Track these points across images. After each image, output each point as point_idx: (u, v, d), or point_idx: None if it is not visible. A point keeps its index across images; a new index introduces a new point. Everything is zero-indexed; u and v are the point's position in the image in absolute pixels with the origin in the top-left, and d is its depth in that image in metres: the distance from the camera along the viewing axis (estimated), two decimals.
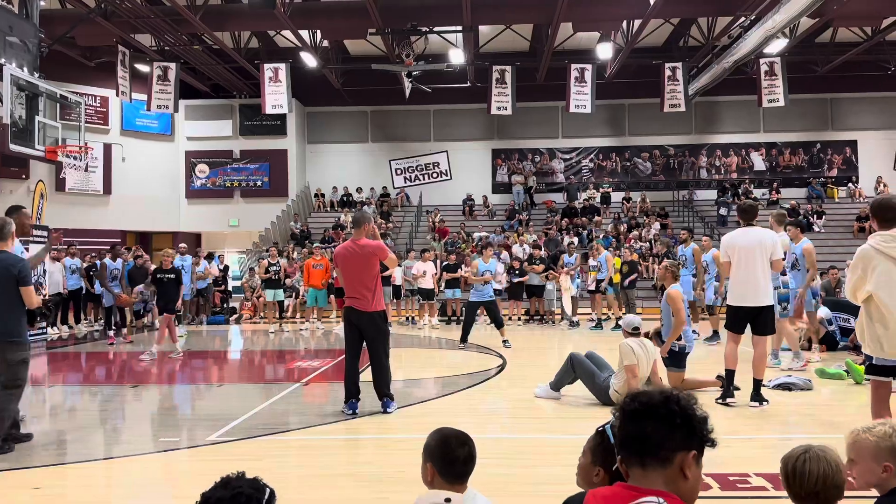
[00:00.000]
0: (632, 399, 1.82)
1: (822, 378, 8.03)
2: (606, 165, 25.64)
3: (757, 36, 16.74)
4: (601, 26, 19.17)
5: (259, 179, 24.82)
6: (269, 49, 22.20)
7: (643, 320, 7.52)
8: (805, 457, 2.34)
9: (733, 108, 24.70)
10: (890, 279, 4.32)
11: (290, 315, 17.72)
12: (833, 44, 21.53)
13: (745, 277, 6.52)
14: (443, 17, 18.55)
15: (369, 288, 6.45)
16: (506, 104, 19.54)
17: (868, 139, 24.78)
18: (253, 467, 5.20)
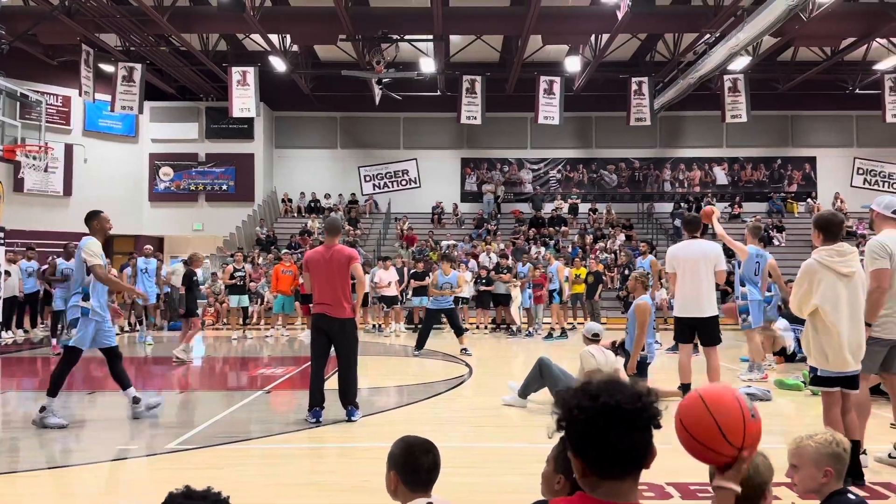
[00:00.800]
0: (613, 407, 1.61)
1: (781, 389, 8.19)
2: (574, 177, 25.91)
3: (721, 53, 17.12)
4: (570, 40, 19.41)
5: (224, 183, 24.52)
6: (237, 52, 22.00)
7: (607, 330, 7.60)
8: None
9: (697, 123, 25.19)
10: (835, 293, 4.46)
11: (255, 322, 17.50)
12: (794, 62, 22.11)
13: (690, 289, 6.64)
14: (414, 26, 18.60)
15: (342, 294, 6.38)
16: (476, 114, 19.65)
17: (826, 156, 25.46)
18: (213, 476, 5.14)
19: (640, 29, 19.20)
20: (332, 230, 6.62)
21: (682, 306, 6.71)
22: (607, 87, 22.18)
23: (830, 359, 4.49)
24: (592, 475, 1.61)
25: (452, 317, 12.11)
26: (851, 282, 4.51)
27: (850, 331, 4.48)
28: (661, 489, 4.40)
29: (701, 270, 6.65)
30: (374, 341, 14.59)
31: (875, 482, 4.53)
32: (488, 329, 16.90)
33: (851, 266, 4.53)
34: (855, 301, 4.53)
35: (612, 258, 20.70)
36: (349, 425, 6.29)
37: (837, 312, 4.47)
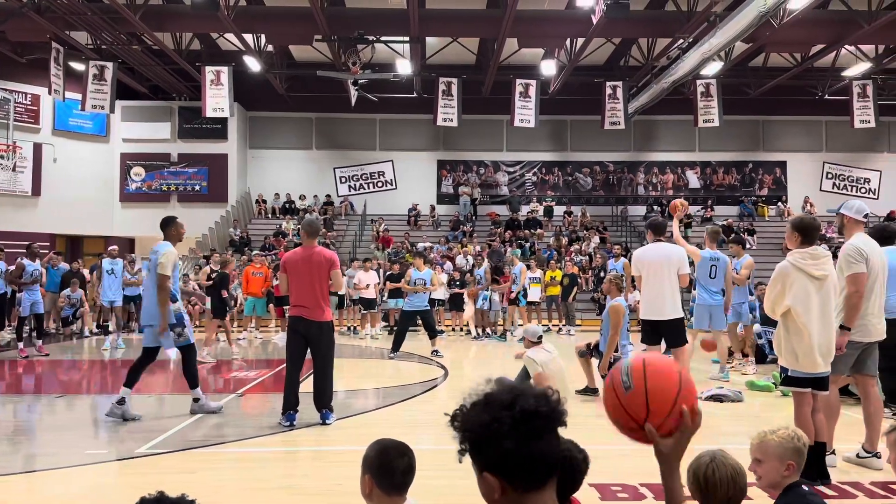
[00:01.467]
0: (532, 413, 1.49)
1: (752, 390, 8.30)
2: (549, 179, 26.05)
3: (694, 58, 17.33)
4: (545, 43, 19.52)
5: (197, 184, 24.25)
6: (211, 51, 21.77)
7: (582, 332, 7.64)
8: (713, 465, 2.41)
9: (670, 128, 25.48)
10: (807, 294, 4.55)
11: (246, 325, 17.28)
12: (765, 68, 22.47)
13: (654, 291, 6.70)
14: (390, 27, 18.57)
15: (320, 297, 6.31)
16: (452, 116, 19.66)
17: (796, 160, 25.91)
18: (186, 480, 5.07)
19: (615, 33, 19.37)
20: (311, 232, 6.52)
21: (649, 309, 6.77)
22: (582, 91, 22.34)
23: (800, 359, 4.58)
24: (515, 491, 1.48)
25: (427, 318, 12.08)
26: (823, 285, 4.60)
27: (820, 333, 4.56)
28: (635, 490, 4.44)
29: (664, 273, 6.70)
30: (350, 343, 14.52)
31: (844, 482, 4.61)
32: (463, 331, 16.90)
33: (824, 269, 4.61)
34: (826, 304, 4.61)
35: (587, 260, 20.85)
36: (323, 428, 6.25)
37: (808, 314, 4.56)
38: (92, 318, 16.69)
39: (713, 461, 2.43)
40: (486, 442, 1.49)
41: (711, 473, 2.40)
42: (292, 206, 24.66)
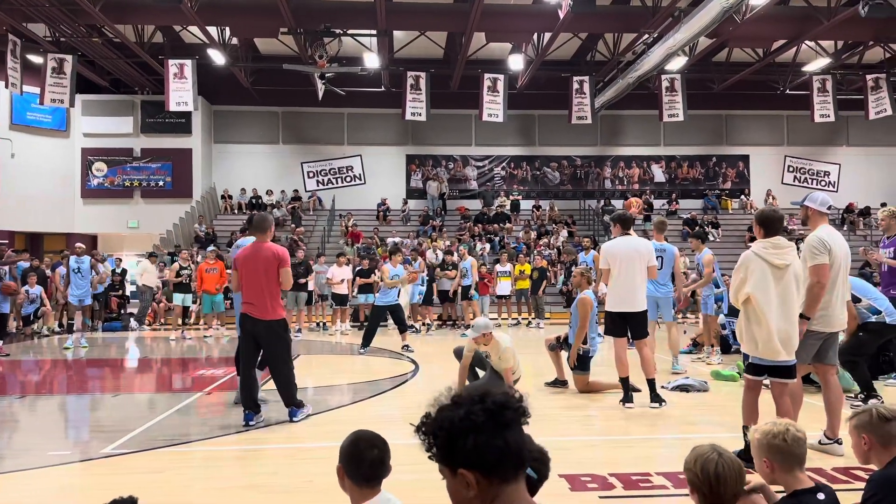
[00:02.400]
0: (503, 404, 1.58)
1: (718, 380, 8.45)
2: (517, 174, 26.15)
3: (659, 53, 17.54)
4: (513, 38, 19.57)
5: (161, 179, 23.82)
6: (174, 44, 21.36)
7: (551, 325, 7.69)
8: (721, 461, 2.38)
9: (636, 122, 25.74)
10: (766, 282, 4.68)
11: (194, 322, 17.07)
12: (728, 63, 22.81)
13: (624, 284, 6.77)
14: (357, 20, 18.43)
15: (269, 294, 6.13)
16: (420, 110, 19.60)
17: (759, 154, 26.40)
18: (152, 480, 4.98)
19: (581, 28, 19.50)
20: (259, 227, 6.35)
21: (618, 301, 6.83)
22: (549, 86, 22.45)
23: (760, 347, 4.71)
24: (490, 485, 1.54)
25: (397, 313, 12.08)
26: (784, 274, 4.71)
27: (779, 321, 4.68)
28: (604, 479, 4.48)
29: (636, 266, 6.79)
30: (320, 340, 14.44)
31: (808, 468, 4.69)
32: (434, 326, 16.91)
33: (786, 259, 4.73)
34: (786, 293, 4.72)
35: (556, 254, 21.01)
36: (293, 425, 6.19)
37: (768, 302, 4.68)
38: (54, 316, 16.32)
39: (721, 457, 2.39)
40: (462, 435, 1.54)
41: (722, 469, 2.37)
42: (259, 202, 24.36)
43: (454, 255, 17.42)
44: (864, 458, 2.89)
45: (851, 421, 2.93)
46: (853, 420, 2.92)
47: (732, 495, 2.36)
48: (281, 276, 6.17)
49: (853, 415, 2.96)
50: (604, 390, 7.65)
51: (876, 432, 2.81)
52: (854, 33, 19.32)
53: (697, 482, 2.39)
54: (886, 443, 2.79)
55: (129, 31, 19.21)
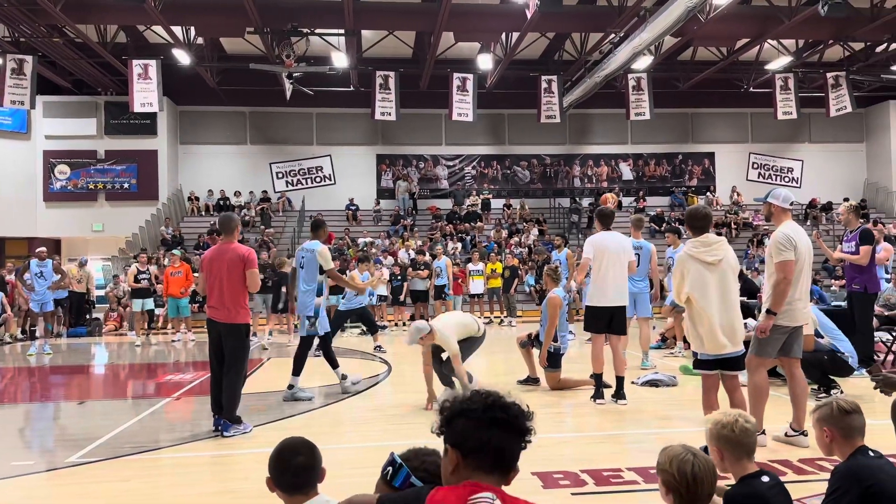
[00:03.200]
0: (501, 407, 1.77)
1: (686, 374, 8.55)
2: (488, 173, 26.22)
3: (625, 52, 17.71)
4: (481, 37, 19.61)
5: (126, 181, 23.40)
6: (137, 44, 21.00)
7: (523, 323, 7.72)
8: (696, 460, 2.39)
9: (604, 121, 25.98)
10: (702, 281, 4.81)
11: (161, 326, 16.80)
12: (693, 62, 23.14)
13: (608, 279, 6.81)
14: (324, 20, 18.31)
15: (232, 297, 5.98)
16: (390, 110, 19.54)
17: (724, 151, 26.82)
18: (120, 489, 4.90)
19: (549, 28, 19.61)
20: (225, 228, 6.24)
21: (603, 296, 6.83)
22: (518, 85, 22.55)
23: (705, 342, 4.83)
24: (466, 468, 1.73)
25: (366, 315, 12.05)
26: (718, 269, 4.86)
27: (720, 315, 4.80)
28: (576, 476, 4.51)
29: (622, 261, 6.86)
30: (291, 343, 14.29)
31: (773, 460, 4.80)
32: (406, 326, 16.86)
33: (717, 255, 4.88)
34: (724, 286, 4.85)
35: (527, 252, 21.12)
36: (266, 430, 6.13)
37: (706, 298, 4.82)
38: (17, 322, 15.95)
39: (696, 457, 2.40)
40: (458, 415, 1.76)
41: (699, 469, 2.38)
42: (227, 203, 24.07)
43: (426, 255, 17.41)
44: (827, 451, 2.95)
45: (814, 414, 2.99)
46: (815, 413, 2.98)
47: (708, 494, 2.38)
48: (248, 278, 6.02)
49: (816, 408, 3.02)
50: (575, 387, 7.70)
51: (837, 425, 2.87)
52: (814, 32, 19.72)
53: (675, 483, 2.38)
54: (847, 435, 2.85)
55: (91, 31, 18.82)
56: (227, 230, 6.23)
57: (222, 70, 22.73)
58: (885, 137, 26.51)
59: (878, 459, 2.78)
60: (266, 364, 10.92)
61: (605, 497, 4.19)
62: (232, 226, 6.23)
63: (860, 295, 8.17)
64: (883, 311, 9.68)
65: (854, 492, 2.66)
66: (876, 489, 2.64)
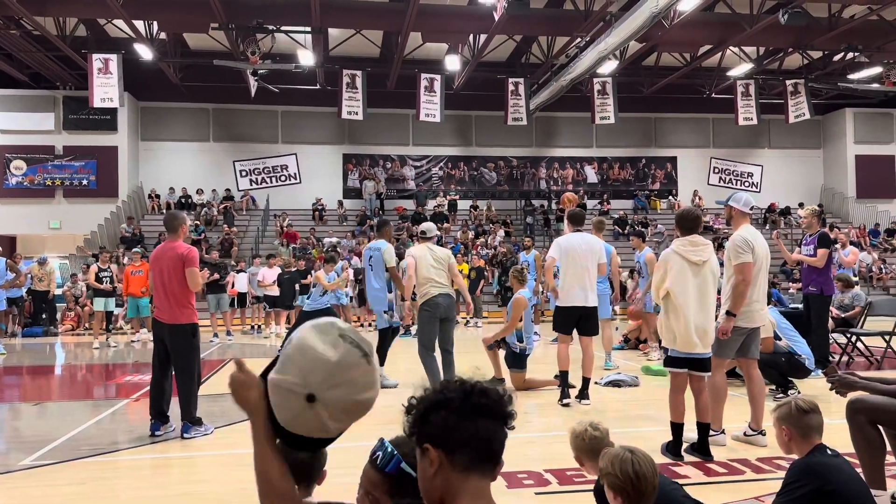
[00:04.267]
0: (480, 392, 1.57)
1: (648, 374, 8.68)
2: (455, 174, 26.26)
3: (591, 57, 17.90)
4: (449, 38, 19.64)
5: (85, 178, 22.87)
6: (98, 38, 20.53)
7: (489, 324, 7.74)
8: (636, 458, 2.41)
9: (569, 124, 26.21)
10: (684, 278, 4.91)
11: (118, 326, 16.43)
12: (657, 68, 23.50)
13: (577, 279, 6.85)
14: (291, 17, 18.14)
15: (174, 297, 5.86)
16: (357, 109, 19.45)
17: (686, 156, 27.29)
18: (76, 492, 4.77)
19: (516, 30, 19.73)
20: (169, 226, 6.13)
21: (571, 296, 6.85)
22: (486, 87, 22.63)
23: (678, 340, 4.91)
24: (453, 469, 1.52)
25: (331, 315, 11.96)
26: (702, 270, 4.95)
27: (696, 315, 4.89)
28: (540, 476, 4.53)
29: (590, 262, 6.88)
30: (254, 343, 14.14)
31: (733, 459, 4.89)
32: (372, 326, 16.77)
33: (702, 256, 4.97)
34: (703, 289, 4.95)
35: (493, 253, 21.19)
36: (227, 431, 6.03)
37: (685, 297, 4.90)
38: None
39: (634, 454, 2.43)
40: (434, 410, 1.54)
41: (640, 466, 2.40)
42: (189, 201, 23.68)
43: None
44: (786, 449, 3.02)
45: (774, 413, 3.06)
46: (775, 413, 3.05)
47: (652, 489, 2.41)
48: (187, 277, 5.88)
49: (776, 407, 3.08)
50: (540, 387, 7.75)
51: (795, 424, 2.93)
52: (775, 40, 20.19)
53: (620, 483, 2.40)
54: (805, 434, 2.92)
55: (50, 24, 18.36)
56: (171, 228, 6.11)
57: (185, 66, 22.37)
58: (841, 144, 27.27)
59: (836, 458, 2.85)
60: (229, 364, 10.77)
61: (569, 496, 4.21)
62: (176, 224, 6.08)
63: (816, 297, 8.38)
64: (839, 314, 9.96)
65: (809, 487, 2.73)
66: (831, 487, 2.71)
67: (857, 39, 19.50)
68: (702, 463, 4.79)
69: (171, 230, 6.11)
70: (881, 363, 9.11)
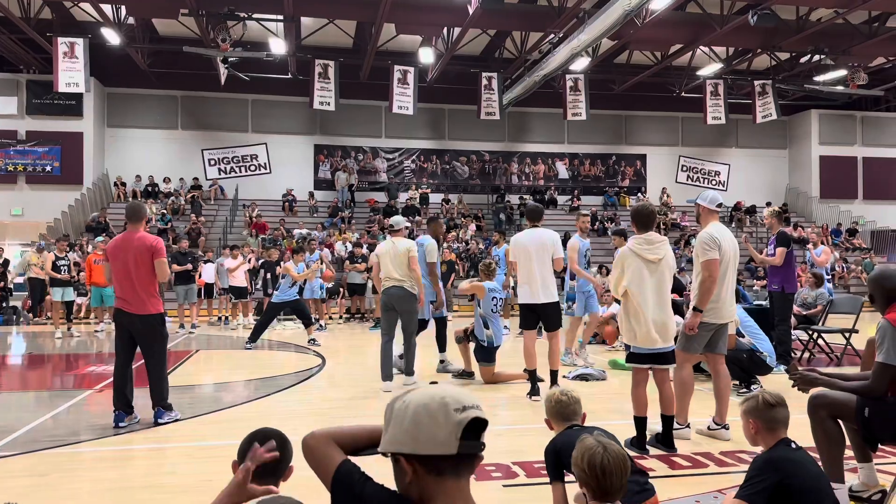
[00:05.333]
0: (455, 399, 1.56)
1: (615, 368, 8.78)
2: (427, 167, 26.21)
3: (563, 53, 18.00)
4: (423, 30, 19.57)
5: (49, 164, 22.35)
6: (64, 21, 20.03)
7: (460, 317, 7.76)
8: (606, 454, 2.42)
9: (542, 120, 26.33)
10: (641, 277, 4.99)
11: (82, 315, 16.11)
12: (628, 66, 23.71)
13: (531, 276, 6.84)
14: (263, 4, 17.93)
15: (142, 288, 5.83)
16: (329, 99, 19.28)
17: (655, 154, 27.60)
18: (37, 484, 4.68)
19: (490, 25, 19.73)
20: (134, 216, 6.05)
21: (527, 293, 6.89)
22: (459, 81, 22.61)
23: (638, 336, 5.00)
24: (428, 474, 1.52)
25: (299, 308, 11.90)
26: (658, 267, 5.03)
27: (654, 311, 4.98)
28: (508, 468, 4.57)
29: (542, 258, 6.86)
30: (221, 335, 13.98)
31: (697, 452, 4.98)
32: (343, 319, 16.72)
33: (658, 253, 5.05)
34: (661, 285, 5.03)
35: (464, 247, 21.21)
36: (192, 423, 5.97)
37: (643, 294, 4.98)
38: None
39: (606, 450, 2.43)
40: (408, 423, 1.53)
41: (608, 462, 2.41)
42: (155, 190, 23.29)
43: (363, 248, 17.27)
44: (752, 441, 3.08)
45: (741, 406, 3.11)
46: (742, 405, 3.10)
47: (619, 486, 2.42)
48: (156, 268, 5.86)
49: (743, 400, 3.14)
50: (509, 381, 7.79)
51: (762, 417, 2.99)
52: (744, 41, 20.50)
53: (585, 477, 2.43)
54: (771, 427, 2.98)
55: (14, 5, 17.88)
56: (136, 218, 6.04)
57: (154, 52, 21.97)
58: (806, 145, 27.84)
59: (797, 452, 2.92)
60: (195, 356, 10.63)
61: (536, 488, 4.24)
62: (140, 214, 6.06)
63: (778, 294, 8.58)
64: (800, 311, 10.17)
65: (771, 480, 2.79)
66: (792, 482, 2.77)
67: (824, 42, 19.91)
68: (666, 456, 4.87)
69: (136, 220, 6.04)
70: (841, 360, 9.34)
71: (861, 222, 27.02)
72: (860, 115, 27.95)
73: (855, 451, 3.84)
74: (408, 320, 7.51)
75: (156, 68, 22.47)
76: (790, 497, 2.76)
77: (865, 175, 27.95)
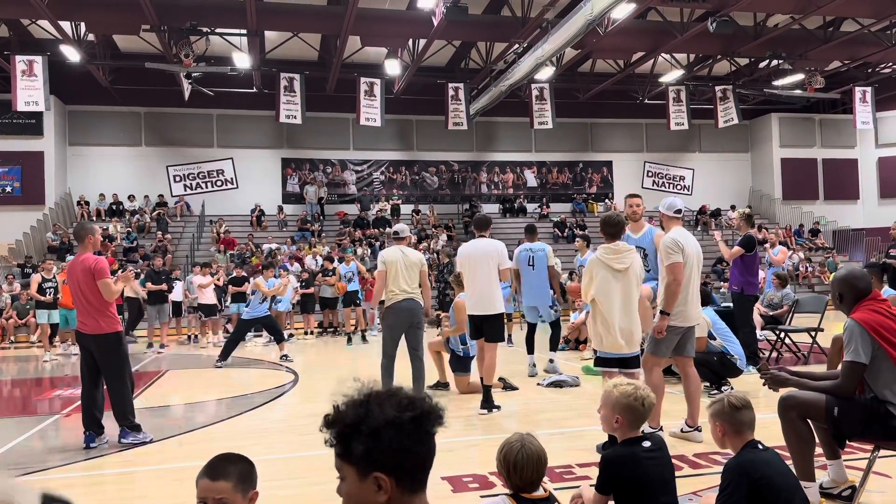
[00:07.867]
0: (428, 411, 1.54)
1: (588, 374, 8.83)
2: (397, 178, 26.21)
3: (528, 63, 18.17)
4: (388, 42, 19.60)
5: (9, 185, 21.86)
6: (22, 39, 19.68)
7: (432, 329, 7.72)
8: (522, 451, 2.64)
9: (509, 129, 26.52)
10: (608, 285, 5.15)
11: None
12: (592, 74, 24.01)
13: (476, 287, 6.73)
14: (226, 19, 17.77)
15: (92, 309, 5.79)
16: (295, 112, 19.18)
17: (621, 160, 27.96)
18: None
19: (455, 36, 19.85)
20: (77, 237, 6.01)
21: (473, 304, 6.76)
22: (426, 92, 22.67)
23: (605, 342, 5.18)
24: (402, 493, 1.48)
25: (270, 324, 11.78)
26: (625, 276, 5.16)
27: (621, 318, 5.13)
28: (485, 478, 4.56)
29: (486, 268, 6.73)
30: (191, 353, 13.77)
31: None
32: (314, 334, 16.58)
33: (624, 262, 5.18)
34: (627, 293, 5.17)
35: (435, 258, 21.21)
36: (164, 444, 5.86)
37: (610, 302, 5.13)
38: None
39: (523, 447, 2.65)
40: (387, 437, 1.46)
41: (521, 458, 2.62)
42: (120, 208, 22.91)
43: (334, 262, 17.18)
44: (720, 444, 3.13)
45: (708, 410, 3.16)
46: (709, 409, 3.15)
47: (529, 482, 2.62)
48: (101, 290, 5.78)
49: (710, 404, 3.18)
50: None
51: (728, 420, 3.04)
52: (704, 47, 20.91)
53: (500, 468, 2.68)
54: (738, 430, 3.03)
55: None
56: (79, 239, 5.99)
57: (116, 68, 21.65)
58: (768, 148, 28.43)
59: (765, 452, 2.97)
60: (165, 376, 10.45)
61: None
62: (83, 234, 5.95)
63: (737, 295, 8.78)
64: (767, 311, 10.36)
65: (744, 485, 2.84)
66: (763, 482, 2.83)
67: (781, 47, 20.40)
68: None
69: (79, 241, 6.00)
70: (808, 358, 9.52)
71: (823, 222, 27.65)
72: (819, 117, 28.65)
73: (824, 448, 3.91)
74: (421, 336, 7.13)
75: (118, 85, 22.14)
76: (765, 498, 2.81)
77: (825, 176, 28.63)
